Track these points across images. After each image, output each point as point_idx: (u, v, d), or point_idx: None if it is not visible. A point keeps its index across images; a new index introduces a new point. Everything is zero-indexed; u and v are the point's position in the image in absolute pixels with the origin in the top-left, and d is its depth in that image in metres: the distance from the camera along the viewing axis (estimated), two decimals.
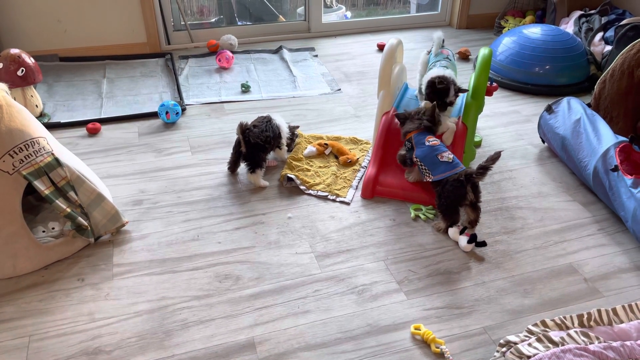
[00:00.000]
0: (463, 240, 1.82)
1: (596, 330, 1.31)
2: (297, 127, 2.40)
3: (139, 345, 1.49)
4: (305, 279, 1.72)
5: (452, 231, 1.86)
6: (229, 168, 2.23)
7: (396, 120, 2.11)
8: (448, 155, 1.90)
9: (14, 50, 2.52)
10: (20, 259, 1.69)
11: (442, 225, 1.90)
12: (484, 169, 1.81)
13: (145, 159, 2.35)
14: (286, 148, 2.29)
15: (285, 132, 2.24)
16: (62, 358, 1.45)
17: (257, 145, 2.09)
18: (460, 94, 2.16)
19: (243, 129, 2.08)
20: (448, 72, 2.11)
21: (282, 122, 2.25)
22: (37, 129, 1.76)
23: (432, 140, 1.95)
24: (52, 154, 1.75)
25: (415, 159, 1.97)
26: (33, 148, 1.70)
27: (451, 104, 2.09)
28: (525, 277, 1.73)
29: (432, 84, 2.07)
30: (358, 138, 2.48)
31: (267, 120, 2.18)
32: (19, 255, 1.69)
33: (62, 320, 1.56)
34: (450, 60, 2.26)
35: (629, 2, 3.44)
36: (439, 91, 2.05)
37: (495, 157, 1.80)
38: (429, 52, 2.43)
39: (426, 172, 1.93)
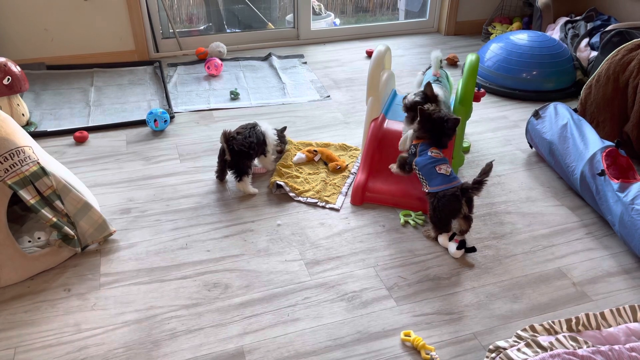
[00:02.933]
0: (452, 246, 1.82)
1: (585, 334, 1.31)
2: (285, 128, 2.40)
3: (126, 356, 1.47)
4: (295, 286, 1.71)
5: (442, 238, 1.86)
6: (217, 177, 2.22)
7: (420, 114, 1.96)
8: (446, 169, 1.87)
9: (0, 59, 2.49)
10: (5, 269, 1.67)
11: (432, 234, 1.90)
12: (479, 184, 1.81)
13: (133, 167, 2.34)
14: (272, 156, 2.28)
15: (271, 139, 2.24)
16: None
17: (241, 152, 2.08)
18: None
19: (227, 137, 2.07)
20: (441, 92, 2.09)
21: (269, 128, 2.24)
22: (22, 138, 1.74)
23: (435, 152, 1.91)
24: (38, 162, 1.73)
25: (414, 166, 1.95)
26: (18, 157, 1.68)
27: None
28: (514, 282, 1.74)
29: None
30: (347, 144, 2.48)
31: (251, 127, 2.18)
32: (4, 266, 1.66)
33: (48, 331, 1.54)
34: (441, 82, 2.25)
35: (614, 8, 3.48)
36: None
37: (487, 169, 1.80)
38: (424, 73, 2.42)
39: (424, 181, 1.91)
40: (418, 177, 1.94)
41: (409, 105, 2.05)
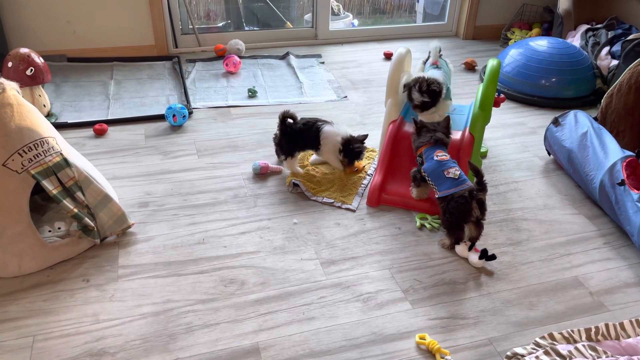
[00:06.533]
0: (474, 256, 1.80)
1: (604, 344, 1.31)
2: (365, 136, 2.22)
3: (143, 347, 1.48)
4: (311, 285, 1.72)
5: (460, 249, 1.85)
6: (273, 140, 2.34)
7: (414, 126, 2.05)
8: (455, 172, 1.86)
9: (24, 50, 2.52)
10: (26, 258, 1.69)
11: (447, 241, 1.89)
12: (480, 185, 1.78)
13: (152, 161, 2.35)
14: (332, 156, 2.21)
15: (331, 143, 2.16)
16: (66, 359, 1.44)
17: (285, 133, 2.19)
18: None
19: (283, 117, 2.18)
20: (437, 74, 2.24)
21: (336, 133, 2.16)
22: (46, 129, 1.76)
23: (440, 155, 1.91)
24: (61, 154, 1.75)
25: (423, 174, 1.95)
26: (42, 148, 1.70)
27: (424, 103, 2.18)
28: (530, 289, 1.73)
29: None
30: None
31: (314, 121, 2.19)
32: (25, 255, 1.68)
33: (67, 320, 1.56)
34: (440, 68, 2.33)
35: (635, 18, 3.45)
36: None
37: (474, 168, 1.79)
38: (425, 62, 2.46)
39: (434, 187, 1.90)
40: (429, 183, 1.94)
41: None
